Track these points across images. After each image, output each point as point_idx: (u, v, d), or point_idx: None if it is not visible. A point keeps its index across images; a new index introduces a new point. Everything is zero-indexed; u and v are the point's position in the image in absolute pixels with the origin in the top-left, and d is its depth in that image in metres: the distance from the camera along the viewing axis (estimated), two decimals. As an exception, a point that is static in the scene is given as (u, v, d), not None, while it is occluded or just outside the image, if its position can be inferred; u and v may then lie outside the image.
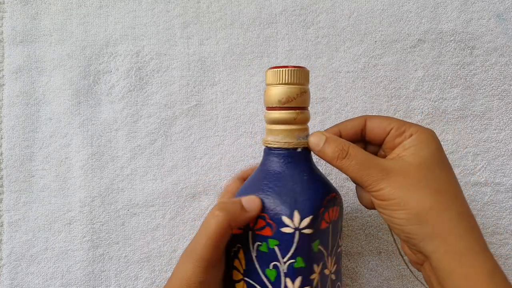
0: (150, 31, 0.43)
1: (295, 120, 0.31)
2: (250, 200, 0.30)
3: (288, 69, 0.30)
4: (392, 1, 0.43)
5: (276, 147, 0.31)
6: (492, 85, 0.43)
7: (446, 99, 0.43)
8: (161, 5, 0.43)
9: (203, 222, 0.29)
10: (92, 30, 0.43)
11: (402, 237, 0.29)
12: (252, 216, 0.30)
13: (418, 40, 0.43)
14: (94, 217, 0.43)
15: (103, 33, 0.43)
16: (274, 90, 0.30)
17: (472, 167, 0.43)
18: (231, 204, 0.29)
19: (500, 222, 0.43)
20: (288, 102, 0.30)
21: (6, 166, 0.43)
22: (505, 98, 0.43)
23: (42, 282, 0.43)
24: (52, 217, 0.43)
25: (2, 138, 0.43)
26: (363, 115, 0.33)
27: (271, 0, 0.43)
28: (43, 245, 0.43)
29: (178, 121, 0.43)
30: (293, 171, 0.31)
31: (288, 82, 0.30)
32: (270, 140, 0.31)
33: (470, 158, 0.43)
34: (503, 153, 0.43)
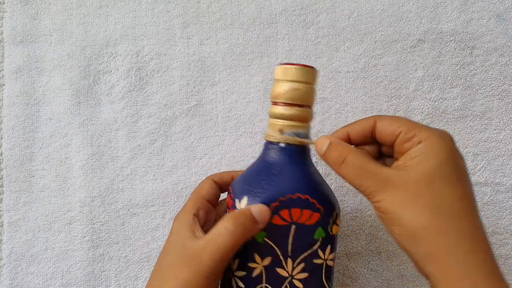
0: (150, 31, 0.43)
1: (296, 117, 0.31)
2: (261, 211, 0.29)
3: (298, 67, 0.30)
4: (392, 1, 0.43)
5: (272, 141, 0.32)
6: (492, 85, 0.43)
7: (446, 99, 0.43)
8: (161, 5, 0.43)
9: (214, 233, 0.28)
10: (92, 30, 0.43)
11: (403, 250, 0.28)
12: (263, 227, 0.29)
13: (418, 40, 0.43)
14: (94, 217, 0.43)
15: (103, 33, 0.43)
16: (280, 85, 0.31)
17: (472, 167, 0.43)
18: (244, 218, 0.28)
19: (500, 222, 0.43)
20: (291, 99, 0.31)
21: (6, 166, 0.43)
22: (505, 98, 0.43)
23: (42, 282, 0.43)
24: (52, 217, 0.43)
25: (2, 138, 0.43)
26: (373, 116, 0.31)
27: (271, 0, 0.43)
28: (43, 245, 0.43)
29: (178, 121, 0.43)
30: (284, 165, 0.31)
31: (294, 79, 0.30)
32: (269, 133, 0.32)
33: (470, 158, 0.43)
34: (503, 153, 0.43)
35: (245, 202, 0.30)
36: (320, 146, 0.30)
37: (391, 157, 0.31)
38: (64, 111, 0.43)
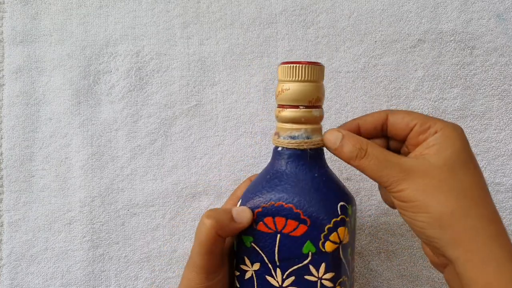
0: (150, 31, 0.43)
1: (290, 119, 0.29)
2: (241, 210, 0.29)
3: (302, 65, 0.28)
4: (392, 1, 0.43)
5: (284, 147, 0.30)
6: (492, 85, 0.43)
7: (446, 99, 0.43)
8: (161, 5, 0.43)
9: (196, 229, 0.29)
10: (92, 30, 0.43)
11: (424, 240, 0.28)
12: (242, 227, 0.29)
13: (418, 40, 0.43)
14: (94, 217, 0.43)
15: (103, 33, 0.43)
16: (286, 87, 0.29)
17: (472, 167, 0.43)
18: (221, 213, 0.29)
19: (500, 222, 0.43)
20: (317, 101, 0.29)
21: (6, 166, 0.43)
22: (505, 98, 0.43)
23: (42, 282, 0.43)
24: (52, 217, 0.43)
25: (2, 138, 0.43)
26: (385, 110, 0.31)
27: (271, 0, 0.43)
28: (43, 245, 0.43)
29: (178, 121, 0.43)
30: (278, 170, 0.30)
31: (302, 79, 0.28)
32: (279, 139, 0.30)
33: (470, 158, 0.43)
34: (503, 153, 0.43)
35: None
36: (333, 140, 0.29)
37: (399, 152, 0.32)
38: (64, 111, 0.43)
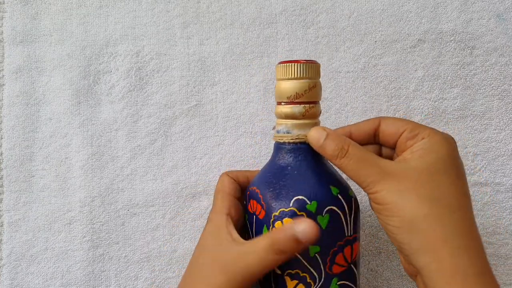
0: (150, 31, 0.43)
1: (304, 114, 0.31)
2: (308, 229, 0.26)
3: (297, 63, 0.30)
4: (392, 1, 0.43)
5: (283, 142, 0.31)
6: (492, 85, 0.43)
7: (446, 99, 0.43)
8: (161, 5, 0.43)
9: (254, 244, 0.28)
10: (92, 30, 0.43)
11: (396, 245, 0.27)
12: (306, 246, 0.27)
13: (418, 40, 0.43)
14: (94, 217, 0.43)
15: (103, 33, 0.43)
16: (283, 85, 0.30)
17: (472, 167, 0.43)
18: (287, 241, 0.27)
19: (500, 222, 0.43)
20: (297, 97, 0.30)
21: (6, 166, 0.43)
22: (505, 98, 0.43)
23: (42, 282, 0.43)
24: (52, 217, 0.43)
25: (2, 138, 0.43)
26: (378, 117, 0.31)
27: (271, 0, 0.43)
28: (43, 245, 0.43)
29: (178, 121, 0.43)
30: (298, 166, 0.31)
31: (297, 76, 0.30)
32: (278, 134, 0.32)
33: (470, 158, 0.43)
34: (503, 153, 0.43)
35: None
36: (317, 137, 0.30)
37: (391, 159, 0.31)
38: (64, 111, 0.43)
